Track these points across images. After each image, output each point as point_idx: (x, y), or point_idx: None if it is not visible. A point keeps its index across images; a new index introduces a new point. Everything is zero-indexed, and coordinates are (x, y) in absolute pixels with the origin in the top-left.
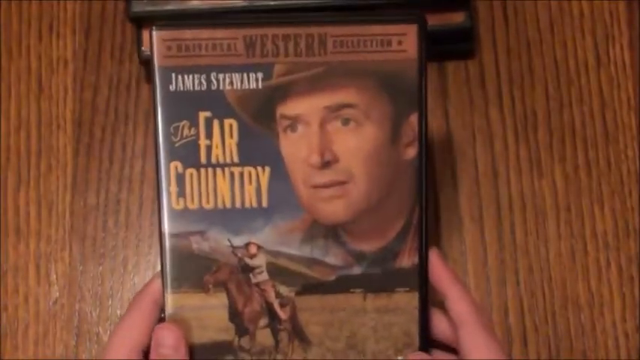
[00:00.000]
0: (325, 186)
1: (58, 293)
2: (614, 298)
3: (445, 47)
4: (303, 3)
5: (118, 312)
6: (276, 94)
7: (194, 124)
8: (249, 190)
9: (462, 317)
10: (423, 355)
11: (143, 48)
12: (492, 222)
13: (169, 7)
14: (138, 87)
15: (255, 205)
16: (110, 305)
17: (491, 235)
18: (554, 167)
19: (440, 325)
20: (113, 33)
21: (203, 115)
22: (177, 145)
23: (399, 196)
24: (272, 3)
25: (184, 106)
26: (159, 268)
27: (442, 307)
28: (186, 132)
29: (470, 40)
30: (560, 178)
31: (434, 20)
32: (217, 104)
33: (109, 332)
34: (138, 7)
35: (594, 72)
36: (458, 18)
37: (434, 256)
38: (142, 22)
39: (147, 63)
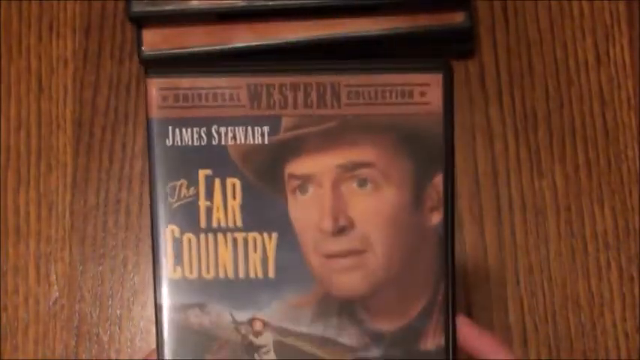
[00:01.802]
0: (339, 255)
1: (58, 293)
2: (614, 298)
3: (445, 47)
4: (302, 3)
5: (118, 312)
6: (284, 151)
7: (193, 183)
8: (254, 258)
9: None
10: None
11: (143, 48)
12: (492, 222)
13: (169, 7)
14: (138, 87)
15: (260, 275)
16: (110, 305)
17: (491, 235)
18: (554, 167)
19: None
20: (113, 33)
21: (203, 174)
22: (174, 206)
23: (423, 268)
24: (271, 3)
25: (182, 163)
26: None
27: None
28: (184, 192)
29: (470, 40)
30: (560, 178)
31: (434, 20)
32: (219, 161)
33: (109, 332)
34: (138, 7)
35: (594, 72)
36: (458, 18)
37: (466, 328)
38: (141, 22)
39: (147, 63)
